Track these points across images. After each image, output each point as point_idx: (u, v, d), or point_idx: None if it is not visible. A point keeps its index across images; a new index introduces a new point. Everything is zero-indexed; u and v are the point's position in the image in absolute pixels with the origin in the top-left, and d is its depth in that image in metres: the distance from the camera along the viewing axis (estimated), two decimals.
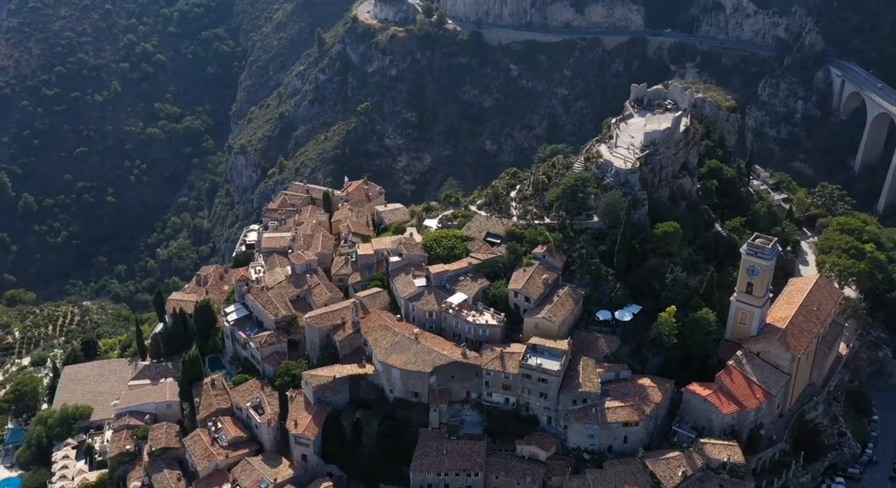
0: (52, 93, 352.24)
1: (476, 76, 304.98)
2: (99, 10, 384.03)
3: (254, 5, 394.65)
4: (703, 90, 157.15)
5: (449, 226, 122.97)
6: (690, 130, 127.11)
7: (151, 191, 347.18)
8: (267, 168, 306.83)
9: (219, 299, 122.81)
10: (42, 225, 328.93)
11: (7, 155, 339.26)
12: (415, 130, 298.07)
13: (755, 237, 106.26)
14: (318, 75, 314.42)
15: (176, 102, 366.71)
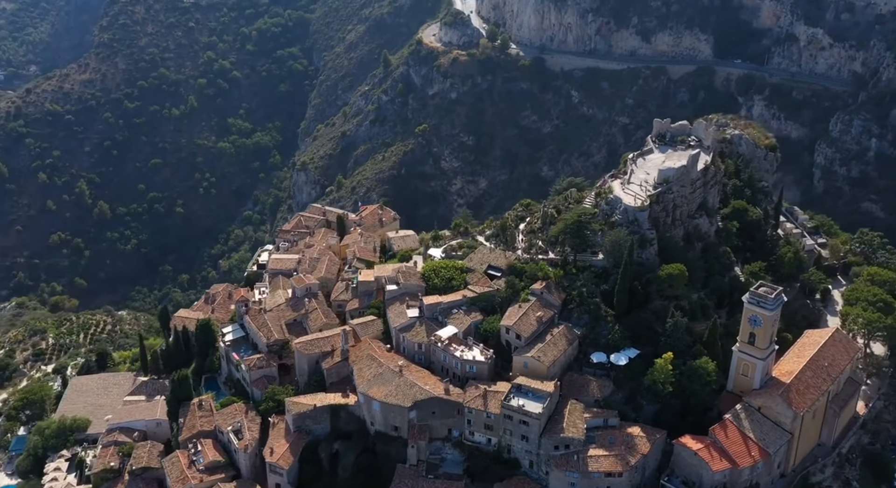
0: (133, 106, 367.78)
1: (536, 101, 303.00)
2: (183, 28, 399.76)
3: (329, 26, 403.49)
4: (741, 127, 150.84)
5: (453, 256, 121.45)
6: (710, 169, 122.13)
7: (218, 204, 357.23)
8: (326, 185, 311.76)
9: (224, 318, 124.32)
10: (114, 232, 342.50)
11: (88, 163, 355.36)
12: (471, 154, 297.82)
13: (759, 285, 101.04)
14: (380, 96, 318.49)
15: (248, 118, 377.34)
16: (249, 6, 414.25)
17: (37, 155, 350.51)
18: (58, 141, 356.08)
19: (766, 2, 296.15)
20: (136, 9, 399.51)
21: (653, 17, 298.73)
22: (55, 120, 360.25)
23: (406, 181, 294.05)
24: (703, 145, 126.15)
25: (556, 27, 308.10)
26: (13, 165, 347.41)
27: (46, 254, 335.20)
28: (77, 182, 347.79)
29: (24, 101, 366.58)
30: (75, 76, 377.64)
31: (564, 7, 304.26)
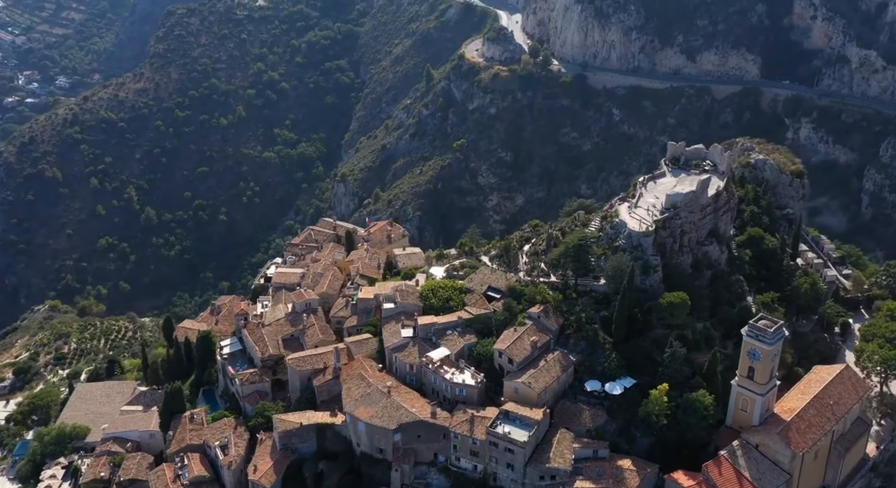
0: (184, 115, 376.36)
1: (577, 119, 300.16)
2: (235, 40, 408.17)
3: (377, 40, 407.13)
4: (768, 151, 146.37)
5: (454, 275, 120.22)
6: (722, 195, 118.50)
7: (261, 213, 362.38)
8: (364, 198, 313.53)
9: (228, 331, 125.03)
10: (159, 238, 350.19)
11: (138, 170, 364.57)
12: (508, 170, 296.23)
13: (759, 318, 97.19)
14: (421, 110, 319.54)
15: (293, 129, 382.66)
16: (300, 19, 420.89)
17: (90, 160, 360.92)
18: (110, 147, 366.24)
19: (817, 22, 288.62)
20: (192, 20, 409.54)
21: (698, 35, 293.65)
22: (109, 127, 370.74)
23: (442, 196, 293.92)
24: (718, 170, 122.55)
25: (600, 44, 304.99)
26: (67, 170, 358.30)
27: (94, 257, 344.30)
28: (126, 188, 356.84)
29: (80, 109, 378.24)
30: (130, 85, 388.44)
31: (608, 24, 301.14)
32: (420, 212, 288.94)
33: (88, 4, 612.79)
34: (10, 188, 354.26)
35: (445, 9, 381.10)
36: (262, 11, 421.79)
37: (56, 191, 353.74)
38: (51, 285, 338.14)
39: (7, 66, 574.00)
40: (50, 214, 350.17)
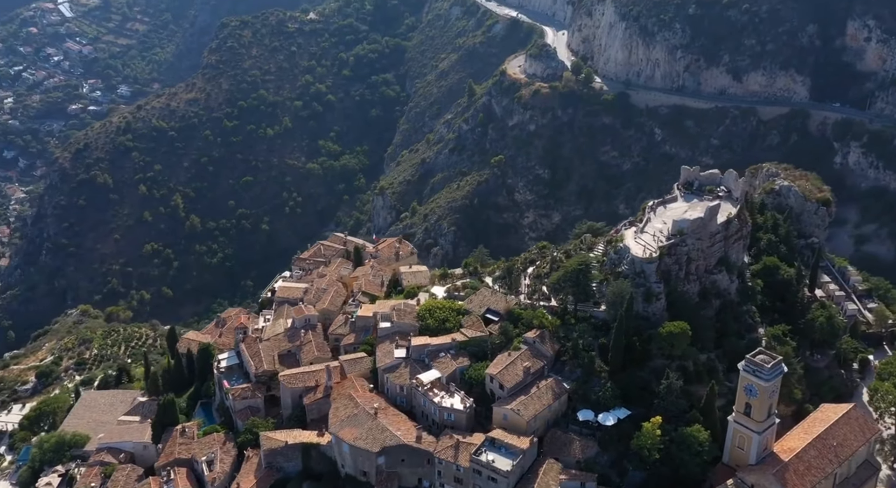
0: (232, 125, 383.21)
1: (617, 137, 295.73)
2: (285, 52, 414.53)
3: (423, 54, 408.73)
4: (794, 177, 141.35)
5: (455, 296, 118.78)
6: (734, 223, 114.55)
7: (302, 223, 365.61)
8: (401, 211, 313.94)
9: (229, 344, 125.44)
10: (203, 245, 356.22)
11: (185, 178, 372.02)
12: (546, 187, 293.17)
13: (757, 352, 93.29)
14: (461, 125, 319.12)
15: (338, 141, 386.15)
16: (350, 32, 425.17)
17: (140, 168, 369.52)
18: (160, 155, 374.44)
19: (872, 44, 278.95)
20: (244, 32, 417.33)
21: (746, 55, 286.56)
22: (160, 135, 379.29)
23: (478, 211, 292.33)
24: (732, 197, 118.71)
25: (644, 62, 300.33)
26: (118, 177, 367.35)
27: (139, 262, 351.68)
28: (173, 195, 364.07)
29: (134, 117, 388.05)
30: (182, 95, 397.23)
31: (653, 43, 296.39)
32: (455, 228, 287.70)
33: (152, 16, 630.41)
34: (63, 193, 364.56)
35: (492, 24, 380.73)
36: (312, 24, 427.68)
37: (106, 197, 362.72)
38: (97, 288, 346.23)
39: (73, 75, 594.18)
40: (99, 219, 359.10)
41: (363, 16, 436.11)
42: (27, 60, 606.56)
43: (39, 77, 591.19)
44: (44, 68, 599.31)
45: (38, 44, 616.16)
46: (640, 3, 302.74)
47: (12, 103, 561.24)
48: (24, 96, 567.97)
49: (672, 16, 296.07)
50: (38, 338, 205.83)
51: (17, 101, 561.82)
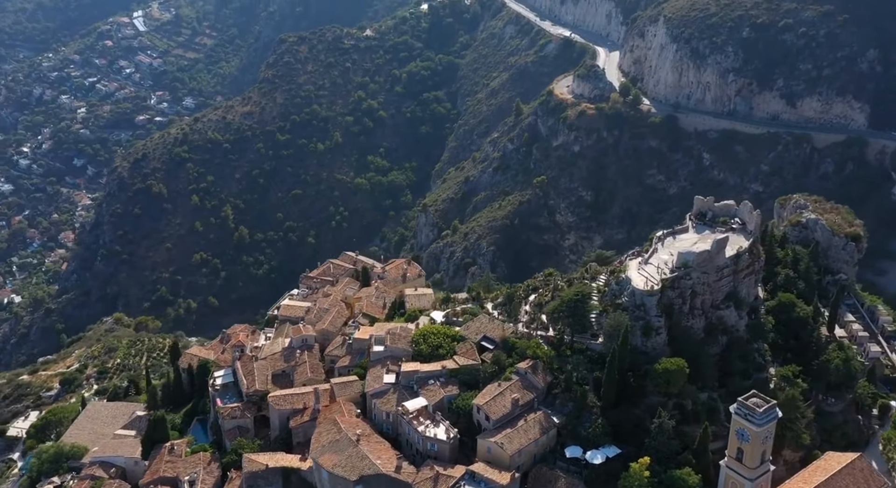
0: (284, 138, 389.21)
1: (664, 161, 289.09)
2: (339, 68, 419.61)
3: (476, 72, 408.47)
4: (824, 210, 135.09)
5: (453, 321, 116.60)
6: (744, 257, 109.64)
7: (347, 238, 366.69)
8: (442, 229, 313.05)
9: (231, 360, 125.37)
10: (250, 256, 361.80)
11: (236, 190, 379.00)
12: (588, 209, 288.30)
13: (750, 395, 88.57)
14: (506, 144, 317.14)
15: (386, 157, 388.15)
16: (404, 50, 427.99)
17: (193, 179, 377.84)
18: (213, 167, 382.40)
19: None
20: (301, 48, 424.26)
21: (801, 80, 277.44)
22: (214, 147, 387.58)
23: (518, 232, 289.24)
24: (746, 229, 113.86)
25: (694, 85, 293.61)
26: (172, 187, 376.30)
27: (188, 271, 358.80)
28: (224, 206, 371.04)
29: (191, 129, 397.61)
30: (238, 108, 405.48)
31: (704, 65, 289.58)
32: (494, 247, 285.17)
33: (220, 31, 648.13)
34: (120, 201, 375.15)
35: (545, 44, 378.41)
36: (368, 41, 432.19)
37: (160, 206, 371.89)
38: (147, 296, 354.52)
39: (143, 87, 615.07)
40: (153, 228, 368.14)
41: (418, 33, 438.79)
42: (101, 72, 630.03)
43: (111, 88, 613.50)
44: (116, 80, 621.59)
45: (113, 56, 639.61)
46: (693, 25, 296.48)
47: (84, 113, 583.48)
48: (95, 106, 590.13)
49: (725, 38, 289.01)
50: (72, 344, 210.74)
51: (89, 111, 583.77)
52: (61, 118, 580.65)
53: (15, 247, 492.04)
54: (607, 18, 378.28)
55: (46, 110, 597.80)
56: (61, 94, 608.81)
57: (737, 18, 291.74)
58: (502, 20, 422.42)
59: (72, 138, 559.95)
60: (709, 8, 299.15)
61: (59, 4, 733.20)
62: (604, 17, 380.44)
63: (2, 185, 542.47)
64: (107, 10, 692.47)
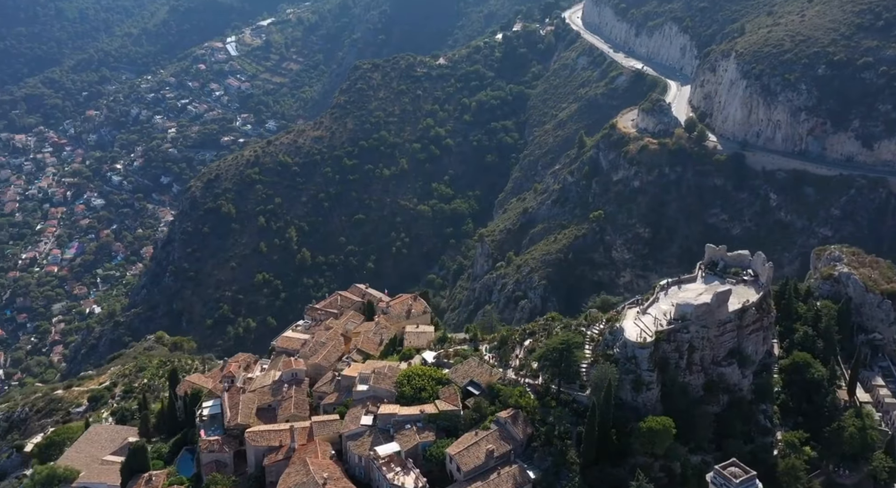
0: (351, 163, 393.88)
1: (728, 200, 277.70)
2: (410, 95, 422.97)
3: (545, 102, 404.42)
4: (862, 264, 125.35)
5: (443, 363, 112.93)
6: (750, 311, 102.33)
7: (407, 264, 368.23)
8: (497, 260, 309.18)
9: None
10: (310, 278, 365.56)
11: (301, 212, 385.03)
12: (645, 247, 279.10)
13: (729, 463, 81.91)
14: (566, 176, 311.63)
15: (451, 185, 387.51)
16: (476, 78, 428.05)
17: (262, 200, 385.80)
18: (281, 189, 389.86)
19: None
20: (374, 75, 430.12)
21: (879, 121, 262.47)
22: (283, 170, 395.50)
23: (572, 267, 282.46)
24: (758, 282, 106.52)
25: (764, 123, 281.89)
26: (241, 207, 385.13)
27: (250, 291, 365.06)
28: (289, 228, 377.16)
29: (263, 151, 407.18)
30: (309, 132, 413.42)
31: (775, 102, 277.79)
32: (546, 281, 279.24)
33: (307, 57, 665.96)
34: (191, 219, 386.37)
35: (616, 76, 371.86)
36: (440, 70, 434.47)
37: (228, 226, 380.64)
38: (209, 313, 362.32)
39: (230, 109, 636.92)
40: (220, 247, 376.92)
41: (491, 62, 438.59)
42: (193, 94, 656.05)
43: (201, 110, 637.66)
44: (206, 102, 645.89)
45: (204, 79, 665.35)
46: (765, 61, 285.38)
47: (174, 133, 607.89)
48: (185, 127, 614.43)
49: (798, 75, 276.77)
50: (112, 360, 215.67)
51: (178, 132, 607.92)
52: (153, 137, 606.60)
53: (101, 260, 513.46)
54: (681, 52, 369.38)
55: (141, 129, 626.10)
56: (155, 115, 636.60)
57: (812, 55, 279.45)
58: (575, 51, 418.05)
59: (161, 157, 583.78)
60: (783, 44, 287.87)
61: (162, 30, 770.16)
62: (678, 50, 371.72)
63: (95, 200, 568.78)
64: (204, 35, 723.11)
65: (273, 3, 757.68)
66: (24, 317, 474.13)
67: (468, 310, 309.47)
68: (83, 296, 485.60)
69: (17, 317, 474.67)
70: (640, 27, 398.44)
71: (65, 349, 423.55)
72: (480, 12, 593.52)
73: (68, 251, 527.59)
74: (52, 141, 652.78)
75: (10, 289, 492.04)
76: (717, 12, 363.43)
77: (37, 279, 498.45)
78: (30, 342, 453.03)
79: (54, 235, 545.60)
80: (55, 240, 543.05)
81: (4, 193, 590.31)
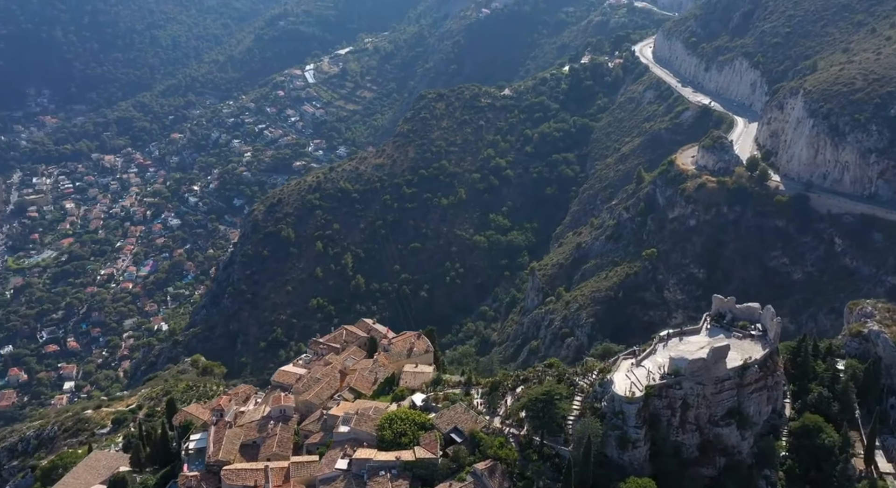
0: (410, 192, 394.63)
1: (790, 243, 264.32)
2: (473, 125, 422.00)
3: (609, 136, 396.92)
4: (892, 322, 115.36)
5: (430, 407, 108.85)
6: (752, 369, 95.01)
7: (460, 295, 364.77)
8: (548, 294, 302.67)
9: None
10: (363, 305, 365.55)
11: (358, 239, 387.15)
12: (700, 288, 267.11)
13: None
14: (622, 212, 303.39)
15: (508, 216, 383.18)
16: (539, 110, 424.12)
17: (320, 226, 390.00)
18: (340, 215, 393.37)
19: None
20: (438, 105, 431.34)
21: None
22: (343, 196, 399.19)
23: (622, 305, 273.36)
24: (766, 338, 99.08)
25: (831, 164, 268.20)
26: (300, 232, 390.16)
27: (304, 315, 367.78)
28: (345, 254, 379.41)
29: (325, 177, 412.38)
30: (371, 159, 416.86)
31: (843, 143, 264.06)
32: (594, 320, 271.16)
33: (380, 85, 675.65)
34: (252, 242, 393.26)
35: (682, 111, 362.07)
36: (504, 100, 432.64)
37: (287, 250, 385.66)
38: (264, 336, 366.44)
39: (304, 135, 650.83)
40: (277, 270, 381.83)
41: (556, 94, 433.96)
42: (270, 120, 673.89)
43: (276, 135, 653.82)
44: (281, 127, 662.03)
45: (282, 105, 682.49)
46: (834, 100, 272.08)
47: (249, 157, 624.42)
48: (260, 151, 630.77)
49: (869, 116, 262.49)
50: (147, 381, 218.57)
51: (253, 156, 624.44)
52: (229, 160, 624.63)
53: (172, 278, 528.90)
54: (751, 88, 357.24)
55: (219, 152, 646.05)
56: (234, 139, 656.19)
57: (885, 95, 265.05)
58: (643, 84, 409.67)
59: (235, 179, 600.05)
60: (854, 82, 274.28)
61: (246, 57, 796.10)
62: (748, 86, 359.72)
63: (172, 219, 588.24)
64: (286, 62, 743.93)
65: (353, 33, 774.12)
66: (97, 331, 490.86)
67: (515, 345, 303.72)
68: (153, 312, 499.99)
69: (92, 330, 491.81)
70: (710, 62, 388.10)
71: (129, 365, 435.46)
72: (554, 43, 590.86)
73: (143, 268, 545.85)
74: (137, 162, 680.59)
75: (87, 303, 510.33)
76: (791, 48, 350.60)
77: (112, 295, 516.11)
78: (101, 356, 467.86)
79: (132, 253, 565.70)
80: (132, 258, 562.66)
81: (91, 211, 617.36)
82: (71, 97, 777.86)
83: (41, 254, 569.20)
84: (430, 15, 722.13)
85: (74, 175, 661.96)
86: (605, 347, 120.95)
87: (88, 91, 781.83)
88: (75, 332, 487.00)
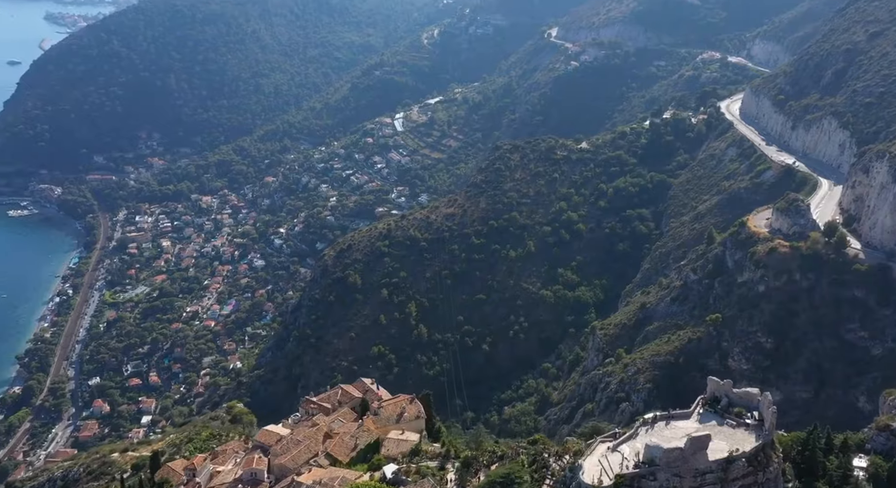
0: (479, 242, 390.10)
1: (869, 315, 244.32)
2: (547, 178, 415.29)
3: (686, 193, 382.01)
4: None
5: (401, 480, 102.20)
6: (740, 463, 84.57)
7: (523, 350, 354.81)
8: (607, 355, 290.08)
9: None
10: (423, 355, 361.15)
11: (424, 288, 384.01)
12: (767, 359, 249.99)
13: None
14: (690, 273, 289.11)
15: (577, 271, 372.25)
16: (616, 164, 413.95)
17: (387, 273, 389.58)
18: (408, 264, 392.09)
19: None
20: (513, 156, 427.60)
21: None
22: (412, 244, 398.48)
23: (682, 372, 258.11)
24: (762, 428, 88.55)
25: None
26: (367, 279, 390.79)
27: (365, 362, 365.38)
28: (409, 303, 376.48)
29: (396, 225, 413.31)
30: (443, 209, 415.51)
31: None
32: (651, 385, 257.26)
33: (466, 135, 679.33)
34: (319, 287, 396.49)
35: (763, 170, 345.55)
36: (580, 153, 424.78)
37: (353, 296, 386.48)
38: (325, 381, 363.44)
39: (388, 181, 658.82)
40: (342, 316, 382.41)
41: (635, 149, 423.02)
42: (358, 166, 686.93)
43: (362, 181, 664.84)
44: (367, 173, 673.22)
45: (370, 152, 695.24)
46: None
47: (334, 202, 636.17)
48: (345, 196, 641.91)
49: None
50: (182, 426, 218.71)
51: (338, 201, 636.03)
52: (315, 204, 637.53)
53: (252, 318, 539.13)
54: (840, 148, 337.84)
55: (308, 196, 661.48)
56: (322, 183, 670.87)
57: None
58: (725, 141, 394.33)
59: (319, 223, 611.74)
60: None
61: (341, 105, 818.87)
62: (836, 146, 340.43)
63: (257, 260, 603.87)
64: (377, 110, 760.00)
65: (445, 83, 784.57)
66: (178, 366, 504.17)
67: (570, 407, 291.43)
68: (231, 351, 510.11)
69: (173, 366, 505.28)
70: (797, 120, 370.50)
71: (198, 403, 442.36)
72: (643, 97, 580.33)
73: (226, 307, 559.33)
74: (232, 203, 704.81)
75: (171, 339, 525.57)
76: (884, 109, 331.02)
77: (195, 332, 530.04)
78: (179, 392, 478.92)
79: (217, 291, 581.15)
80: (217, 296, 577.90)
81: (185, 249, 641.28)
82: (178, 140, 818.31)
83: (136, 289, 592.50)
84: (521, 66, 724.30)
85: (174, 214, 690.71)
86: (594, 426, 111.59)
87: (194, 135, 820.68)
88: (158, 367, 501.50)
